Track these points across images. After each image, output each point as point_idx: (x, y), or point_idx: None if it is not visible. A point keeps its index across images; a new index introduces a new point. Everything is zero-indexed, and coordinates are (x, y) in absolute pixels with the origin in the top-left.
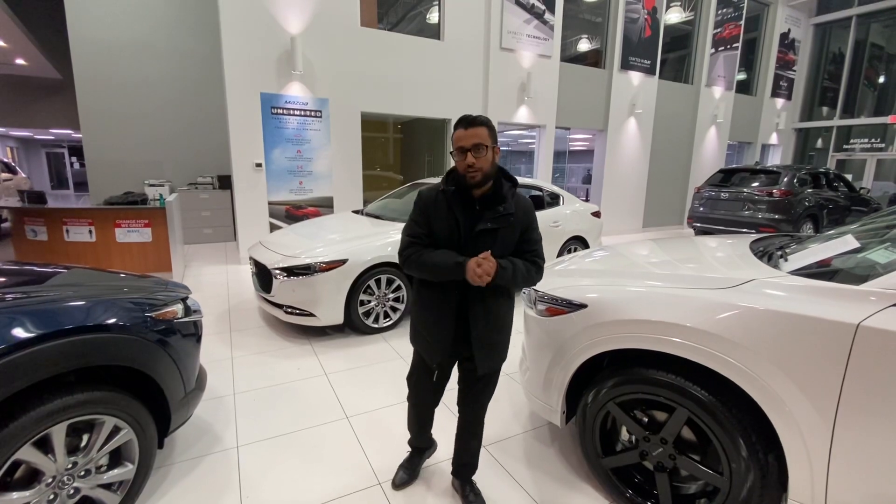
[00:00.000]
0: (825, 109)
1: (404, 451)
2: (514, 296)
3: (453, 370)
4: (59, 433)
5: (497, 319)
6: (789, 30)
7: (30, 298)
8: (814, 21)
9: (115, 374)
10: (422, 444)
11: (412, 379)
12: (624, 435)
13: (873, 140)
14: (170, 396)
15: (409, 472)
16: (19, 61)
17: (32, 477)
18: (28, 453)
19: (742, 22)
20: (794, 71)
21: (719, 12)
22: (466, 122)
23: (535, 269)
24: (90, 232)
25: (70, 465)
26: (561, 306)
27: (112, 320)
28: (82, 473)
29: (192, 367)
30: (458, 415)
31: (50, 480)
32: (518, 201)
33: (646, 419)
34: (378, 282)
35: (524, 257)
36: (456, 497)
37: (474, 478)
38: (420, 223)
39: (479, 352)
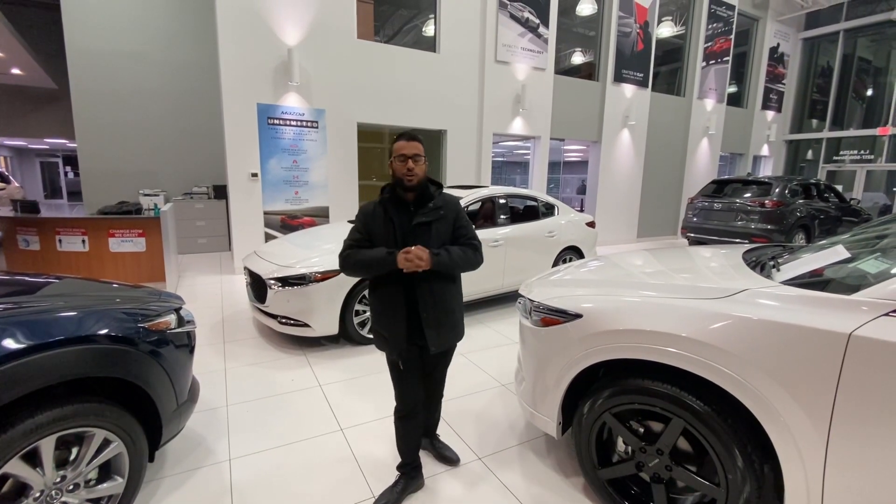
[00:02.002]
0: (815, 122)
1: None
2: (459, 280)
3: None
4: (47, 446)
5: (443, 302)
6: (778, 44)
7: (20, 309)
8: (802, 35)
9: (106, 386)
10: (413, 459)
11: (397, 383)
12: (620, 446)
13: (862, 151)
14: (161, 408)
15: (390, 500)
16: (15, 71)
17: (20, 491)
18: (16, 467)
19: (732, 36)
20: (784, 84)
21: (710, 27)
22: (408, 136)
23: (471, 250)
24: (83, 242)
25: (59, 479)
26: (556, 316)
27: (104, 331)
28: (71, 487)
29: (185, 378)
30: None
31: (38, 495)
32: (444, 198)
33: (642, 430)
34: None
35: (460, 242)
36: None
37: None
38: (360, 230)
39: (430, 331)
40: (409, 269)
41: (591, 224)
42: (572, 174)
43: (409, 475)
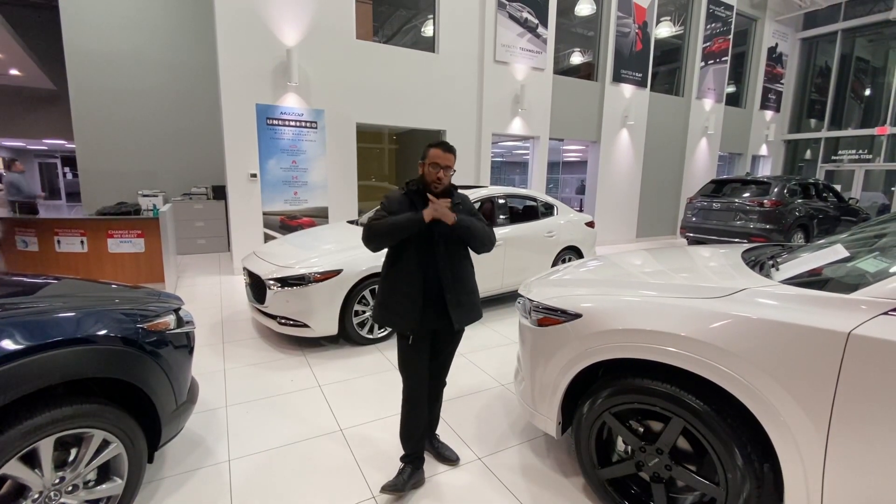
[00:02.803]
0: (813, 121)
1: (398, 463)
2: (474, 266)
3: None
4: (46, 447)
5: (464, 283)
6: (777, 44)
7: (19, 309)
8: (800, 35)
9: (105, 386)
10: (418, 449)
11: (406, 365)
12: (620, 445)
13: (861, 151)
14: (161, 409)
15: (398, 486)
16: (13, 72)
17: (18, 492)
18: (14, 468)
19: (730, 36)
20: (783, 84)
21: (708, 27)
22: (445, 147)
23: (488, 228)
24: (82, 242)
25: (57, 481)
26: (556, 316)
27: (102, 331)
28: (70, 489)
29: (184, 379)
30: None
31: (37, 496)
32: (461, 196)
33: (642, 429)
34: (373, 292)
35: None
36: None
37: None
38: (387, 210)
39: (454, 311)
40: (438, 217)
41: (591, 224)
42: (571, 174)
43: (414, 464)
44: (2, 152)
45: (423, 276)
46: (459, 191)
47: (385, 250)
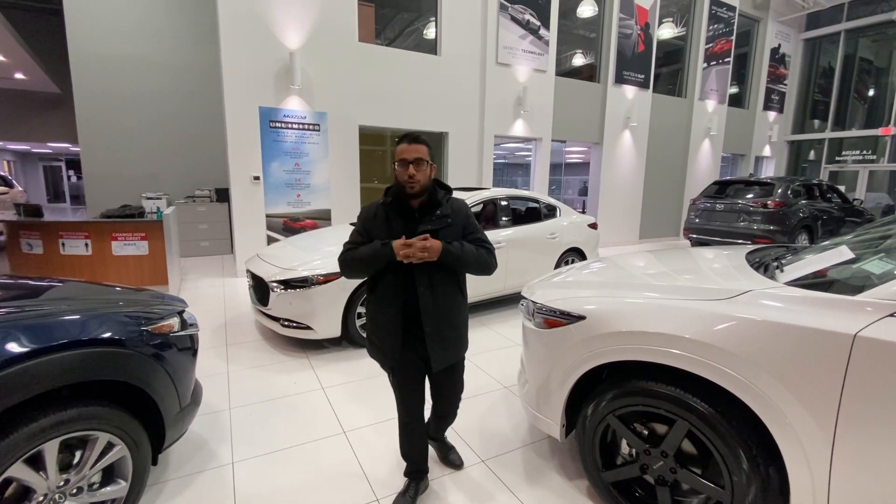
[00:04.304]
0: (817, 122)
1: (402, 465)
2: (465, 292)
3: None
4: (51, 450)
5: (448, 316)
6: (780, 45)
7: (24, 312)
8: (803, 36)
9: (110, 389)
10: (421, 465)
11: (396, 392)
12: (624, 448)
13: (865, 152)
14: (165, 412)
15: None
16: (18, 75)
17: (23, 495)
18: (19, 470)
19: (733, 37)
20: (786, 85)
21: (711, 28)
22: (410, 138)
23: (485, 251)
24: (86, 245)
25: (62, 483)
26: (559, 318)
27: (107, 334)
28: (74, 491)
29: (188, 381)
30: (433, 408)
31: (41, 498)
32: (453, 204)
33: (646, 432)
34: None
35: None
36: None
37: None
38: (360, 232)
39: (433, 347)
40: (408, 261)
41: (594, 225)
42: (574, 176)
43: (418, 479)
44: (7, 155)
45: (402, 307)
46: (455, 194)
47: None
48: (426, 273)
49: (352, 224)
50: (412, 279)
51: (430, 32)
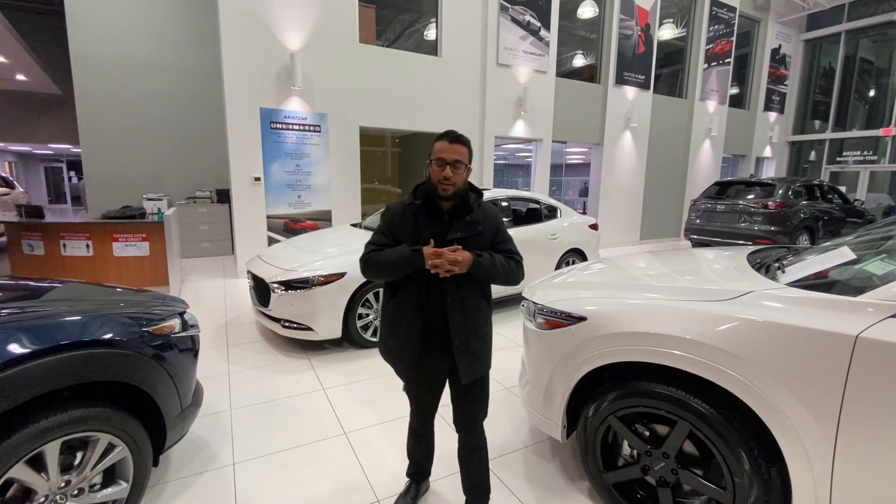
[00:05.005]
0: (817, 123)
1: (404, 467)
2: (491, 299)
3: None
4: (52, 451)
5: (476, 327)
6: (780, 45)
7: (25, 314)
8: (804, 37)
9: (111, 390)
10: (424, 467)
11: (409, 396)
12: (625, 449)
13: (866, 153)
14: (166, 413)
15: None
16: (20, 77)
17: (25, 496)
18: (21, 472)
19: (734, 38)
20: (786, 85)
21: (711, 29)
22: (452, 137)
23: (514, 263)
24: (87, 246)
25: (63, 484)
26: (560, 319)
27: (108, 335)
28: (75, 492)
29: (189, 382)
30: (457, 434)
31: (43, 499)
32: (484, 210)
33: (647, 433)
34: (376, 295)
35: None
36: None
37: None
38: (385, 234)
39: (461, 359)
40: (436, 271)
41: (594, 226)
42: (574, 176)
43: (419, 480)
44: (8, 157)
45: (424, 314)
46: (485, 197)
47: None
48: (454, 283)
49: (353, 225)
50: (438, 287)
51: (430, 34)
